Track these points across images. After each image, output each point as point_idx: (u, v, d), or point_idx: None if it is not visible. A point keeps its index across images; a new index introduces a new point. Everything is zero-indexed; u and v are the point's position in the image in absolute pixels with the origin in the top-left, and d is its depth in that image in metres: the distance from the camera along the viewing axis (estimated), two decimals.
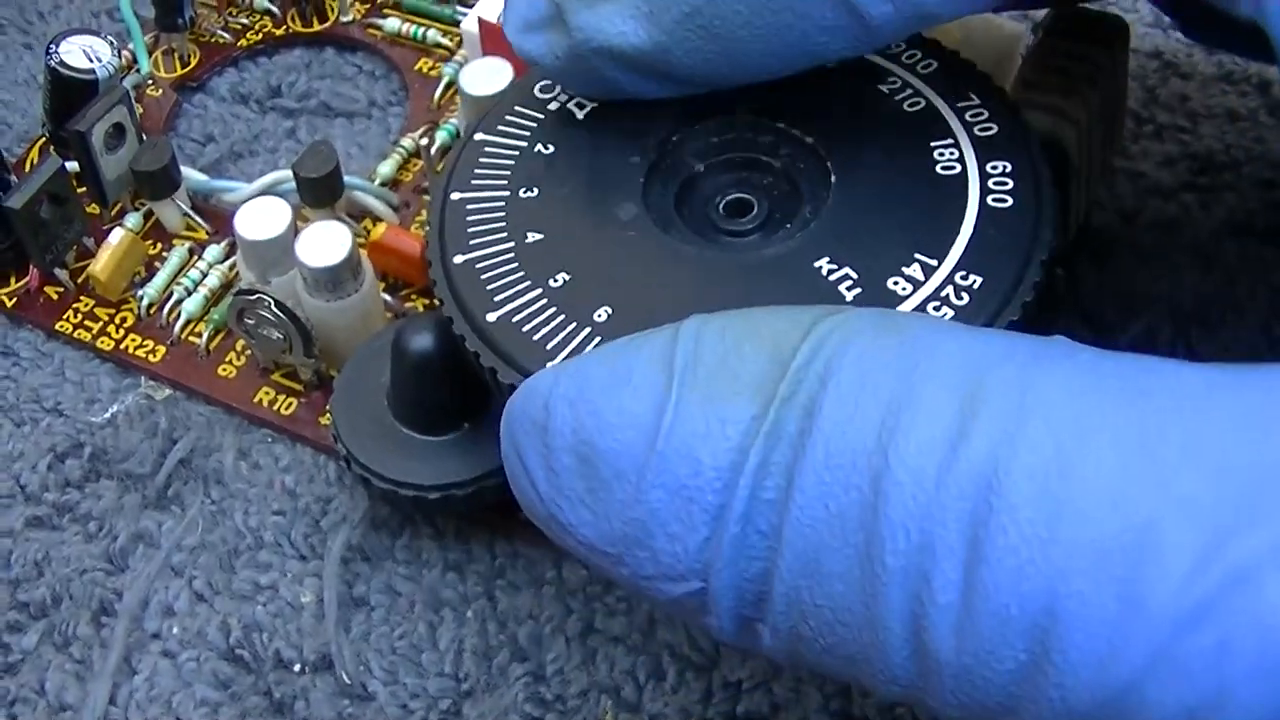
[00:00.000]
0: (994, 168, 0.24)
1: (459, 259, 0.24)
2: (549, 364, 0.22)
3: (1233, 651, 0.15)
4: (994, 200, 0.23)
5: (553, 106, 0.26)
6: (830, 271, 0.23)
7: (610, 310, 0.23)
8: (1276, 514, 0.15)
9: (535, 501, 0.20)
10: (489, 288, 0.23)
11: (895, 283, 0.22)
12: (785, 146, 0.25)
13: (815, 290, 0.23)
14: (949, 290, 0.22)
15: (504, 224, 0.24)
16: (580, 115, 0.26)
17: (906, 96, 0.25)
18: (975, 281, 0.22)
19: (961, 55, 0.26)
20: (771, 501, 0.18)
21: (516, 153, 0.25)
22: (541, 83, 0.26)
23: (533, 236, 0.24)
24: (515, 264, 0.24)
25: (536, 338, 0.23)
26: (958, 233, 0.23)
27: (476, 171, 0.25)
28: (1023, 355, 0.17)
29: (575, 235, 0.24)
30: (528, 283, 0.23)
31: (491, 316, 0.23)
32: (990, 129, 0.24)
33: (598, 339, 0.22)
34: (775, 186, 0.25)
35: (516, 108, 0.26)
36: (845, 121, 0.25)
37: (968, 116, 0.25)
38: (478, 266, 0.24)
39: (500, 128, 0.26)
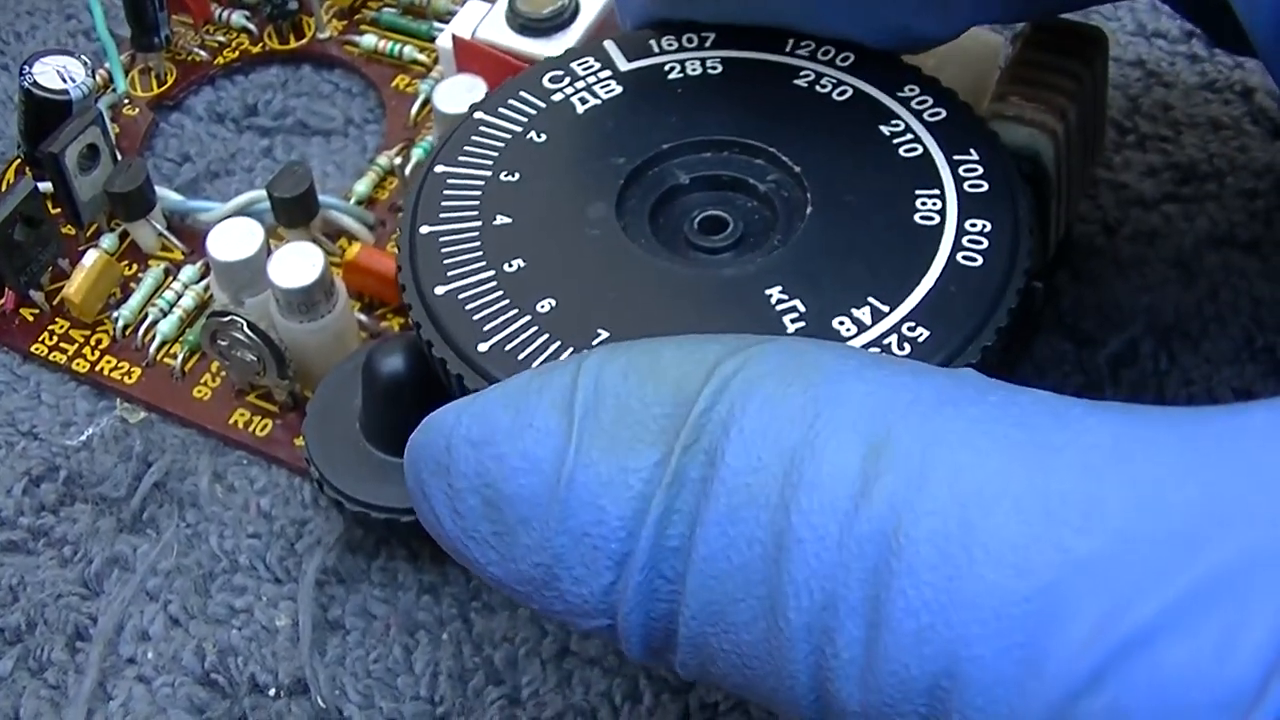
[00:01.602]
0: (973, 225, 0.23)
1: (425, 229, 0.24)
2: (480, 345, 0.22)
3: (1128, 717, 0.15)
4: (964, 257, 0.23)
5: (556, 97, 0.26)
6: (779, 301, 0.23)
7: (554, 303, 0.23)
8: (1175, 578, 0.15)
9: (442, 537, 0.20)
10: (445, 263, 0.23)
11: (841, 323, 0.22)
12: (774, 173, 0.25)
13: (759, 318, 0.22)
14: (892, 339, 0.22)
15: (477, 205, 0.24)
16: (581, 110, 0.26)
17: (906, 141, 0.25)
18: (921, 335, 0.22)
19: (942, 68, 0.26)
20: (676, 549, 0.18)
21: (509, 136, 0.25)
22: (553, 72, 0.26)
23: (501, 220, 0.24)
24: (478, 244, 0.24)
25: (477, 318, 0.23)
26: (918, 284, 0.23)
27: (465, 149, 0.25)
28: (928, 401, 0.17)
29: (541, 226, 0.24)
30: (484, 263, 0.23)
31: (440, 290, 0.23)
32: (980, 186, 0.24)
33: (535, 329, 0.22)
34: (756, 211, 0.25)
35: (520, 92, 0.26)
36: (837, 156, 0.25)
37: (962, 170, 0.24)
38: (441, 239, 0.24)
39: (501, 109, 0.26)
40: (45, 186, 0.32)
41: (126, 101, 0.35)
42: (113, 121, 0.35)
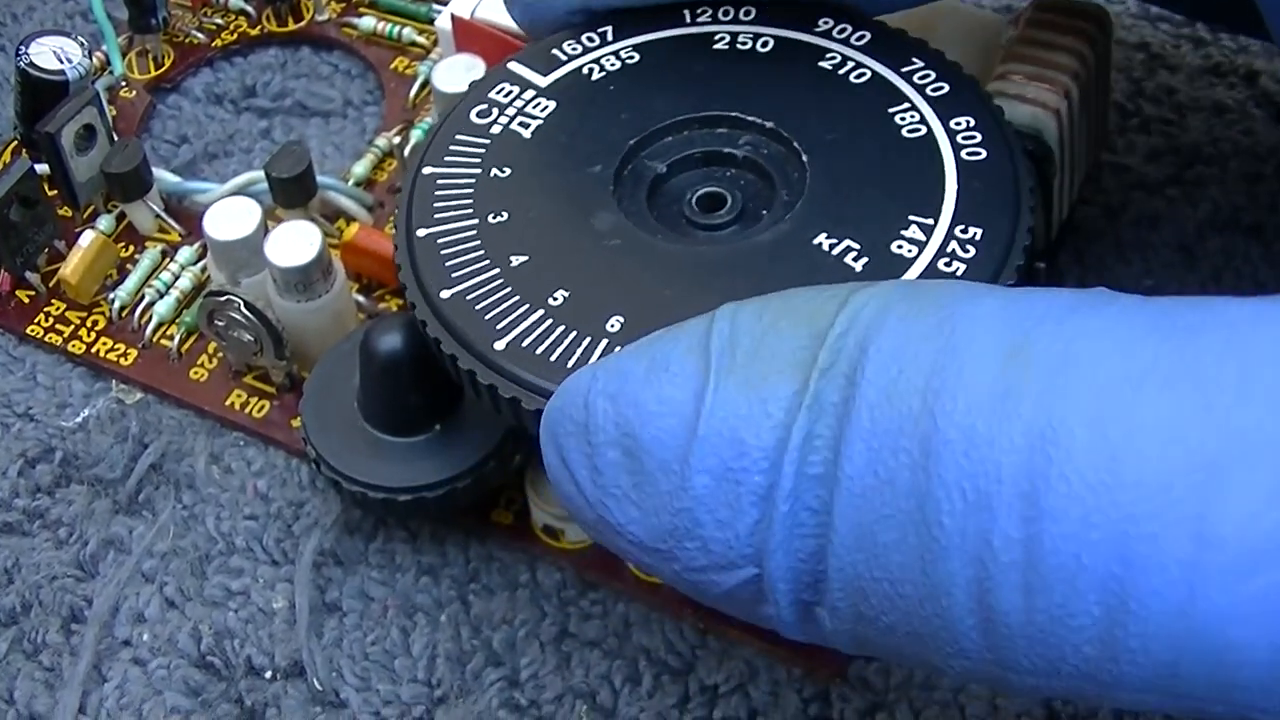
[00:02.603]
0: (957, 124, 0.24)
1: (446, 293, 0.23)
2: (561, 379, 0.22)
3: None
4: (968, 154, 0.23)
5: (495, 130, 0.26)
6: (832, 246, 0.23)
7: (623, 319, 0.22)
8: None
9: (583, 505, 0.19)
10: (488, 318, 0.23)
11: (899, 246, 0.22)
12: (745, 135, 0.25)
13: (823, 266, 0.22)
14: (953, 245, 0.22)
15: (481, 252, 0.24)
16: (527, 135, 0.25)
17: (851, 69, 0.25)
18: (975, 233, 0.22)
19: (942, 47, 0.26)
20: (819, 476, 0.17)
21: (473, 180, 0.25)
22: (477, 108, 0.26)
23: (517, 260, 0.23)
24: (508, 289, 0.23)
25: (547, 356, 0.22)
26: (944, 190, 0.23)
27: (436, 206, 0.25)
28: (1062, 307, 0.17)
29: (561, 254, 0.23)
30: (526, 306, 0.23)
31: (499, 345, 0.22)
32: (941, 88, 0.24)
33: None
34: (742, 177, 0.25)
35: (458, 137, 0.26)
36: (800, 101, 0.25)
37: (916, 79, 0.25)
38: (469, 298, 0.23)
39: (447, 159, 0.25)
40: (42, 167, 0.32)
41: (124, 84, 0.35)
42: (110, 104, 0.34)
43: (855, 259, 0.22)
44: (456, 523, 0.27)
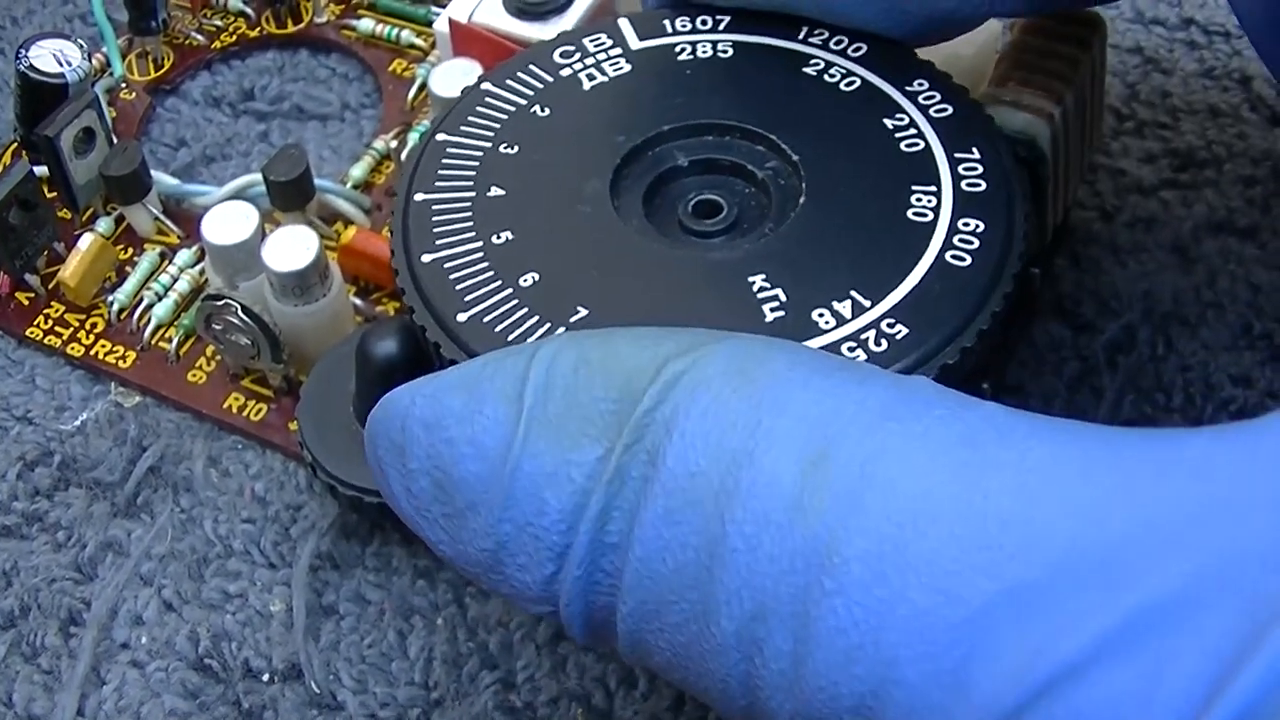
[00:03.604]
0: (965, 224, 0.23)
1: (420, 197, 0.24)
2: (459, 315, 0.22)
3: None
4: (952, 256, 0.23)
5: (564, 73, 0.26)
6: (761, 289, 0.22)
7: (537, 277, 0.23)
8: (1106, 610, 0.15)
9: (401, 513, 0.20)
10: (457, 287, 0.23)
11: (820, 314, 0.22)
12: (773, 160, 0.25)
13: (739, 304, 0.22)
14: (870, 334, 0.22)
15: (474, 174, 0.24)
16: (587, 86, 0.26)
17: (908, 136, 0.24)
18: (900, 332, 0.22)
19: (938, 52, 0.26)
20: (615, 545, 0.18)
21: (513, 109, 0.25)
22: (564, 46, 0.26)
23: (496, 191, 0.24)
24: (469, 214, 0.24)
25: (459, 288, 0.23)
26: (902, 280, 0.22)
27: (469, 119, 0.25)
28: (873, 412, 0.17)
29: (534, 197, 0.24)
30: (473, 233, 0.23)
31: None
32: (978, 186, 0.24)
33: (515, 301, 0.22)
34: (751, 197, 0.25)
35: (530, 65, 0.26)
36: (837, 147, 0.24)
37: (961, 169, 0.24)
38: (434, 207, 0.24)
39: (508, 81, 0.26)
40: (41, 170, 0.32)
41: (123, 86, 0.35)
42: (109, 106, 0.34)
43: (772, 309, 0.22)
44: None
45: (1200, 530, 0.15)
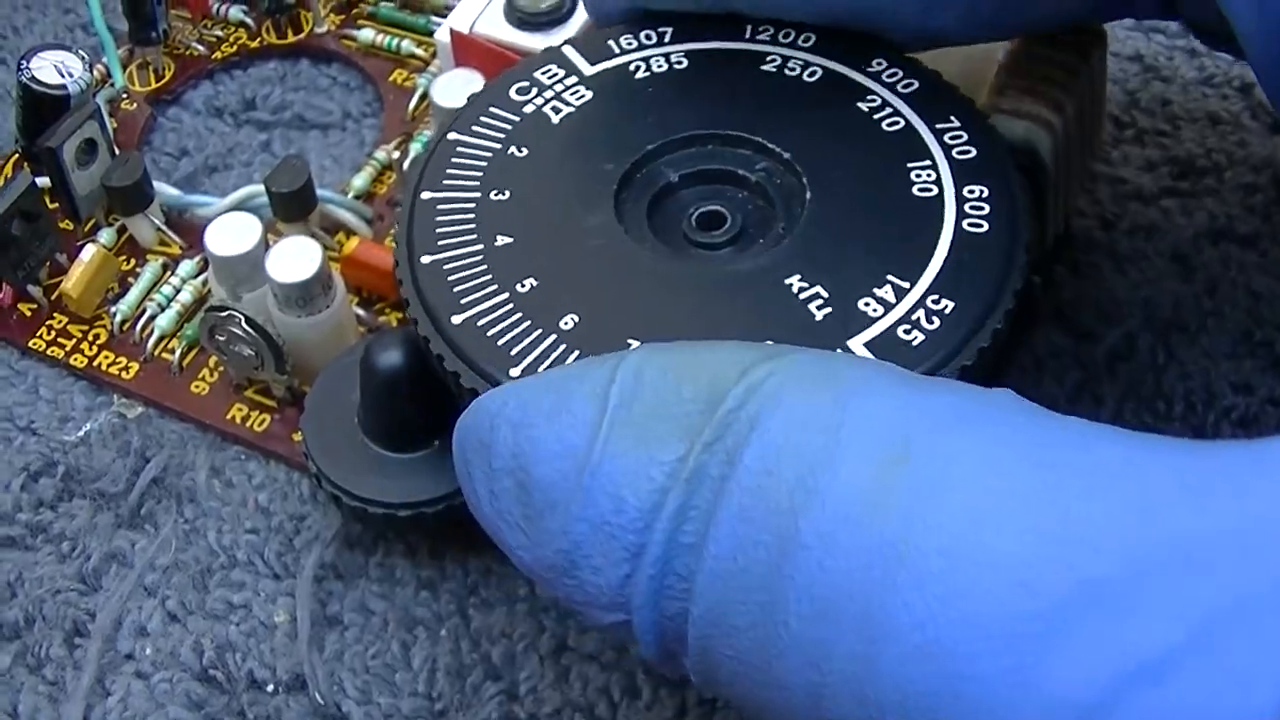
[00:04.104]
0: (971, 191, 0.24)
1: (426, 259, 0.24)
2: (511, 370, 0.22)
3: None
4: (969, 225, 0.23)
5: (528, 110, 0.26)
6: (801, 290, 0.23)
7: (577, 318, 0.23)
8: (1188, 608, 0.15)
9: (481, 518, 0.20)
10: (455, 290, 0.23)
11: (866, 303, 0.22)
12: (762, 161, 0.25)
13: (786, 308, 0.22)
14: (920, 314, 0.22)
15: (474, 226, 0.24)
16: (556, 120, 0.26)
17: (886, 116, 0.25)
18: (947, 306, 0.22)
19: (939, 63, 0.26)
20: (690, 546, 0.18)
21: (490, 154, 0.25)
22: (518, 84, 0.26)
23: (502, 240, 0.24)
24: (484, 266, 0.24)
25: (501, 343, 0.22)
26: (931, 256, 0.23)
27: (449, 172, 0.25)
28: (952, 416, 0.17)
29: (544, 241, 0.24)
30: (494, 286, 0.23)
31: (457, 319, 0.23)
32: (969, 152, 0.24)
33: (563, 347, 0.22)
34: (750, 201, 0.25)
35: (491, 109, 0.26)
36: (824, 139, 0.25)
37: (947, 139, 0.24)
38: (445, 268, 0.24)
39: (474, 128, 0.26)
40: (43, 181, 0.32)
41: (124, 96, 0.35)
42: (111, 116, 0.34)
43: (819, 307, 0.22)
44: (456, 537, 0.27)
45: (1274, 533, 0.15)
